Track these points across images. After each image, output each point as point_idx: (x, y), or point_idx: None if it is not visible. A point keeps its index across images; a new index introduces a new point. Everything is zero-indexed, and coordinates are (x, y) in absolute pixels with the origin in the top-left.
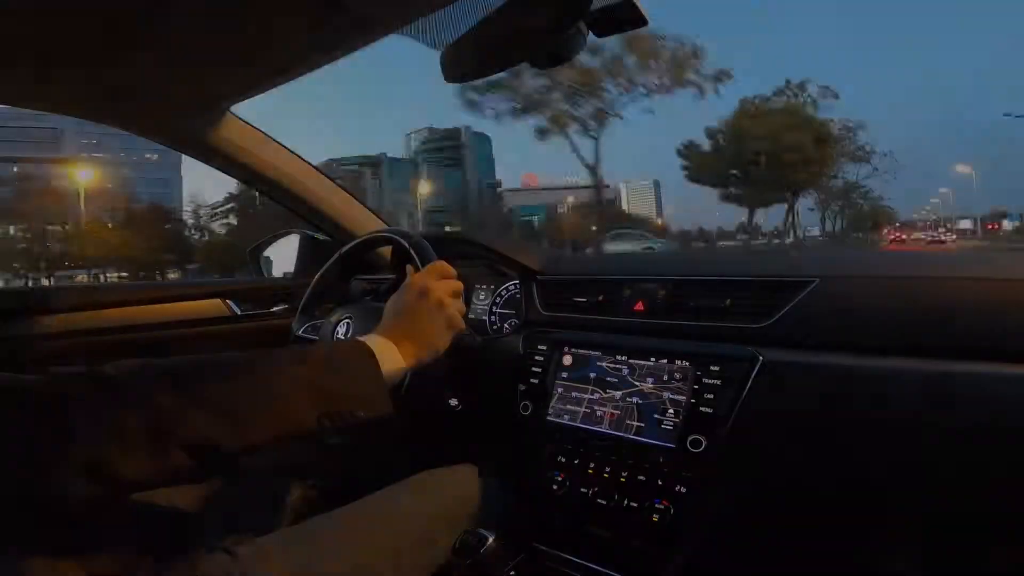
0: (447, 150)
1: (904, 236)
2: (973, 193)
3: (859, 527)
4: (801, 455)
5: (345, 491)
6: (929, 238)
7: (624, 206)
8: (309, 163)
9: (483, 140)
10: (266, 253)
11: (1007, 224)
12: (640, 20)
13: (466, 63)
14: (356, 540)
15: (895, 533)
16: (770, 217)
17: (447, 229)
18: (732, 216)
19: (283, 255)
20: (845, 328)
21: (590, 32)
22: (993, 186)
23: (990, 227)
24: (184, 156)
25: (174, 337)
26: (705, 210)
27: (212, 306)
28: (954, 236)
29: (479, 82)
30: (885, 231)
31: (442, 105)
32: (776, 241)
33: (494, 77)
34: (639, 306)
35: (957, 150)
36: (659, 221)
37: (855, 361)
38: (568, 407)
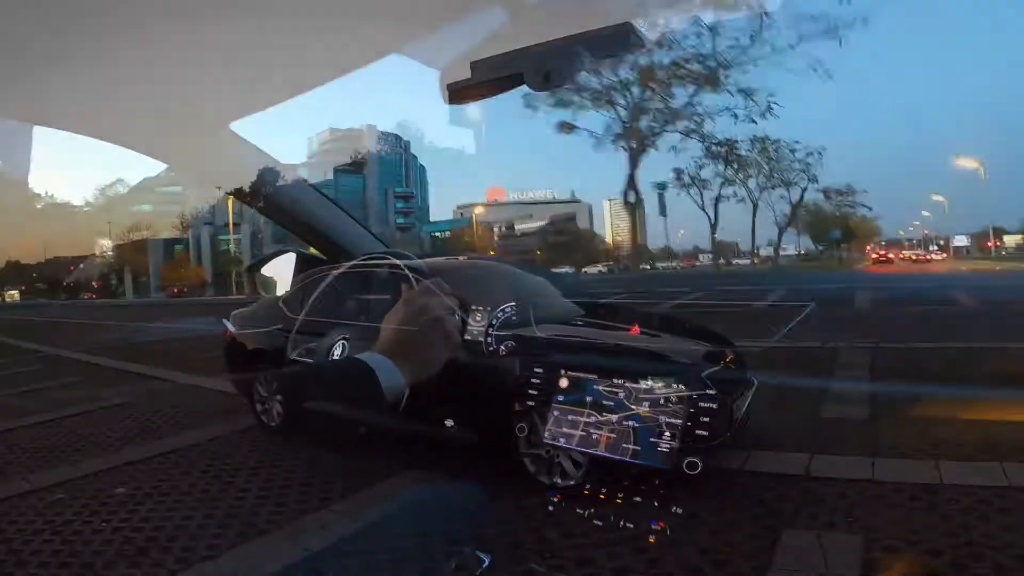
0: (346, 154)
1: (892, 256)
2: (977, 197)
3: None
4: None
5: (342, 507)
6: (915, 256)
7: (606, 225)
8: (307, 181)
9: (394, 142)
10: (264, 271)
11: (1008, 240)
12: (638, 44)
13: (466, 84)
14: (351, 556)
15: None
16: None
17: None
18: (731, 233)
19: (281, 273)
20: (838, 351)
21: (588, 54)
22: (998, 187)
23: (991, 245)
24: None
25: None
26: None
27: None
28: (944, 255)
29: None
30: (868, 248)
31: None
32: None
33: None
34: (635, 329)
35: (956, 143)
36: (607, 240)
37: (853, 384)
38: (564, 429)
